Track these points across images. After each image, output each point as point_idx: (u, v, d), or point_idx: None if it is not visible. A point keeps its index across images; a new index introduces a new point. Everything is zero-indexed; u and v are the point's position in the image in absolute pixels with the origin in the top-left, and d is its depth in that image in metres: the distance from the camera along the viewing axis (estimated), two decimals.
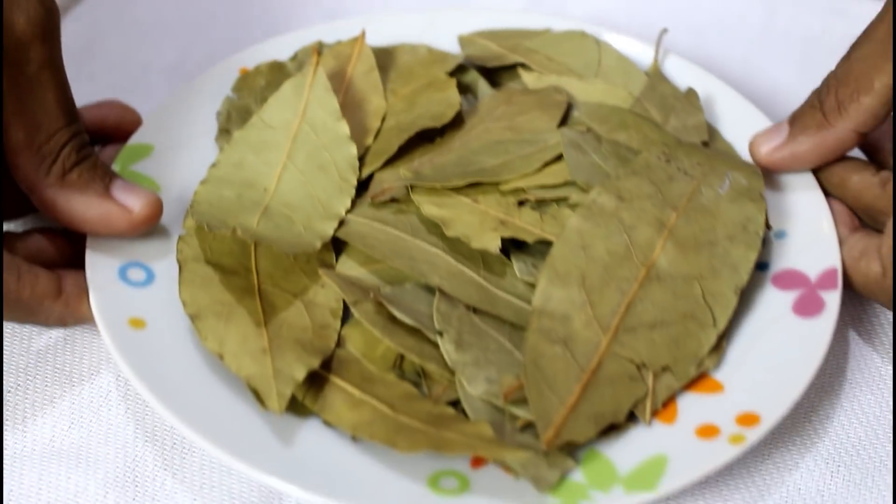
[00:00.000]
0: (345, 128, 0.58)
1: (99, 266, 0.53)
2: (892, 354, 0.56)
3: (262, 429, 0.49)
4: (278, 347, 0.50)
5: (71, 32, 0.67)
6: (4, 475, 0.51)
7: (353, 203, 0.56)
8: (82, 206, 0.53)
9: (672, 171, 0.56)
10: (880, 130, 0.57)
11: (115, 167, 0.58)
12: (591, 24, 0.66)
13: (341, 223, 0.56)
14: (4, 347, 0.55)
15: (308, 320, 0.52)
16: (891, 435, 0.53)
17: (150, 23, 0.73)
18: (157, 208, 0.54)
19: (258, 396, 0.49)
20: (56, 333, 0.55)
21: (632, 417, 0.50)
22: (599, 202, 0.55)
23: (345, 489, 0.47)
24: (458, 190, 0.56)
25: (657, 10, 0.73)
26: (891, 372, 0.56)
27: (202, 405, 0.49)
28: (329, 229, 0.55)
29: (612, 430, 0.49)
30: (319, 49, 0.63)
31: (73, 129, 0.53)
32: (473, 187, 0.57)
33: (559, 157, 0.58)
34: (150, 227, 0.54)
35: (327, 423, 0.50)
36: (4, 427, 0.52)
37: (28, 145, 0.52)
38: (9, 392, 0.53)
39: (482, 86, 0.65)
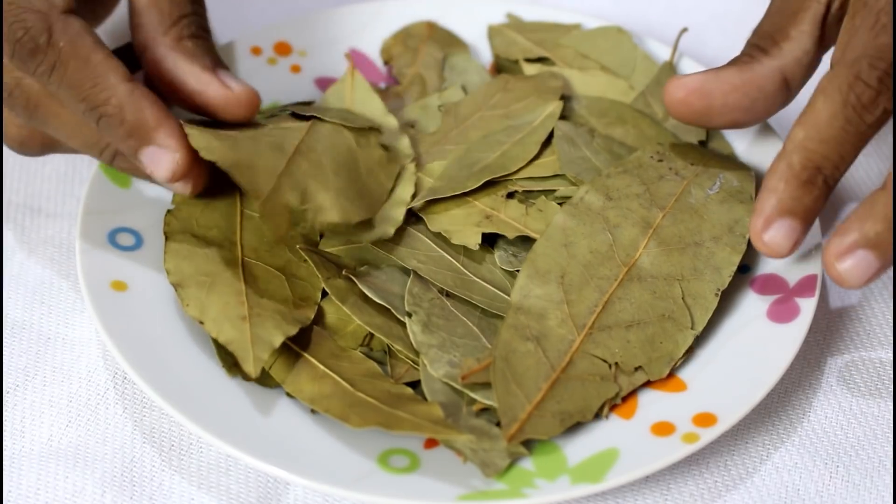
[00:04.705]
0: (394, 121, 0.60)
1: (90, 228, 0.55)
2: (891, 354, 0.56)
3: (224, 395, 0.50)
4: (258, 315, 0.52)
5: None
6: (3, 475, 0.51)
7: None
8: (187, 71, 0.54)
9: (663, 171, 0.56)
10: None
11: None
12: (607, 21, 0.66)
13: None
14: (4, 347, 0.55)
15: (289, 292, 0.53)
16: (890, 435, 0.53)
17: None
18: (256, 99, 0.55)
19: (226, 363, 0.51)
20: (54, 330, 0.55)
21: None
22: (587, 200, 0.55)
23: (292, 460, 0.48)
24: None
25: (657, 9, 0.73)
26: (890, 372, 0.55)
27: (170, 368, 0.51)
28: (399, 215, 0.56)
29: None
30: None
31: (196, 7, 0.55)
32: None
33: (550, 139, 0.58)
34: (243, 115, 0.55)
35: (289, 395, 0.51)
36: (3, 427, 0.52)
37: (154, 4, 0.54)
38: (7, 392, 0.53)
39: (458, 61, 0.65)
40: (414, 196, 0.57)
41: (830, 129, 0.50)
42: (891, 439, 0.53)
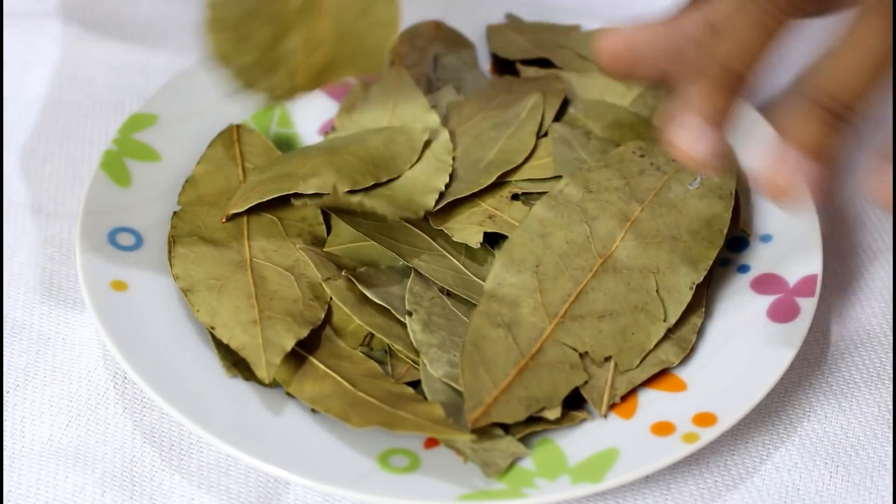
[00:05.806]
0: (435, 118, 0.60)
1: (90, 228, 0.55)
2: (891, 354, 0.56)
3: (224, 395, 0.50)
4: (268, 318, 0.52)
5: None
6: (3, 475, 0.51)
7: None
8: None
9: (644, 166, 0.57)
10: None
11: (117, 135, 0.59)
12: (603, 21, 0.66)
13: None
14: (3, 348, 0.55)
15: (298, 292, 0.53)
16: (890, 435, 0.53)
17: None
18: None
19: (225, 363, 0.51)
20: (54, 330, 0.55)
21: (590, 410, 0.51)
22: (566, 193, 0.55)
23: (292, 460, 0.48)
24: None
25: (657, 10, 0.73)
26: (890, 372, 0.56)
27: (170, 368, 0.51)
28: (430, 201, 0.56)
29: (566, 419, 0.50)
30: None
31: None
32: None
33: (546, 135, 0.59)
34: None
35: (289, 395, 0.51)
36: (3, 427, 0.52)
37: None
38: (7, 392, 0.53)
39: (450, 60, 0.65)
40: (448, 185, 0.57)
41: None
42: (891, 439, 0.53)
